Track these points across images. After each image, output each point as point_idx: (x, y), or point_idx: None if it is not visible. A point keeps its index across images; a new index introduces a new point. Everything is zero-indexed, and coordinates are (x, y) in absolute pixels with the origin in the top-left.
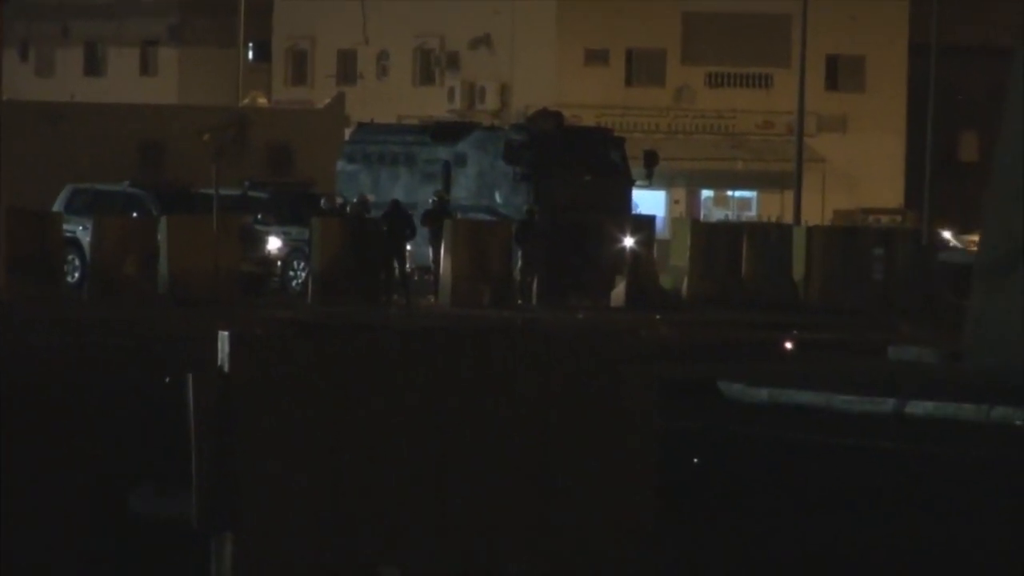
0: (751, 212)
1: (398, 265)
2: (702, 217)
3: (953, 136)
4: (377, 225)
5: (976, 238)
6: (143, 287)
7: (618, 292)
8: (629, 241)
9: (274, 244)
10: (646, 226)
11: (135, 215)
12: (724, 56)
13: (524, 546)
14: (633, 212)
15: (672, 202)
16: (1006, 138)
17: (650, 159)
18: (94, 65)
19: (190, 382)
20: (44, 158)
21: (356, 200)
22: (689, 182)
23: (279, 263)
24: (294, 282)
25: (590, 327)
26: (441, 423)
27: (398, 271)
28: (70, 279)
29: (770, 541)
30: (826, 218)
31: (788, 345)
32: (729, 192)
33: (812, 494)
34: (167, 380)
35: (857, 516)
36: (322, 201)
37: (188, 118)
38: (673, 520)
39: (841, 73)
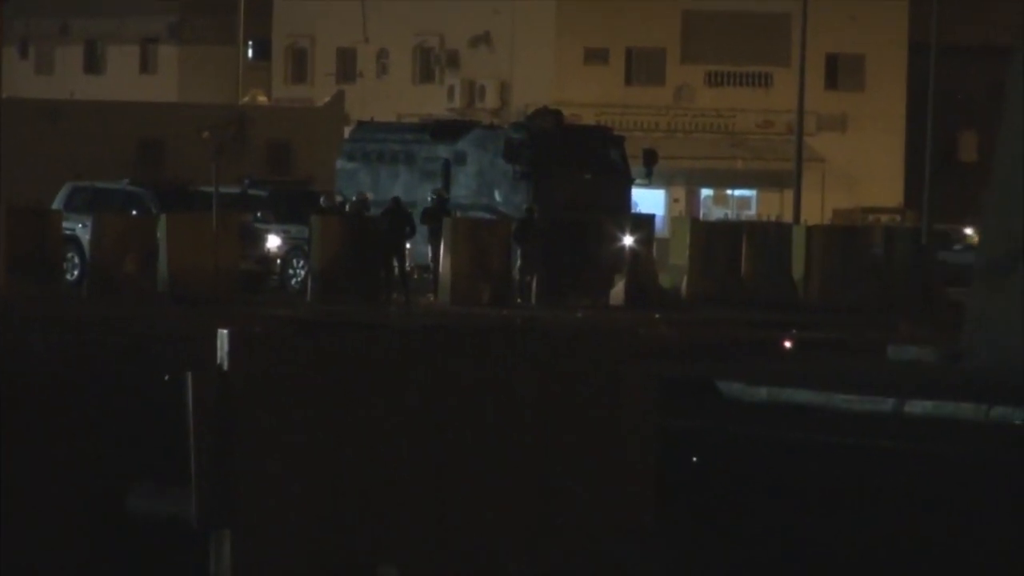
0: (751, 211)
1: (398, 263)
2: (701, 216)
3: (953, 136)
4: (377, 223)
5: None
6: (142, 285)
7: (617, 291)
8: (628, 240)
9: (274, 242)
10: (645, 225)
11: (134, 213)
12: (724, 55)
13: (524, 546)
14: (632, 211)
15: (672, 201)
16: (1006, 138)
17: (649, 158)
18: (94, 63)
19: (189, 380)
20: (44, 156)
21: (356, 198)
22: (689, 181)
23: (278, 261)
24: (293, 280)
25: (589, 326)
26: (440, 422)
27: (397, 269)
28: (69, 277)
29: (769, 540)
30: (826, 217)
31: (787, 344)
32: (729, 191)
33: (811, 493)
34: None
35: (856, 515)
36: (322, 199)
37: (188, 116)
38: (672, 520)
39: (841, 72)
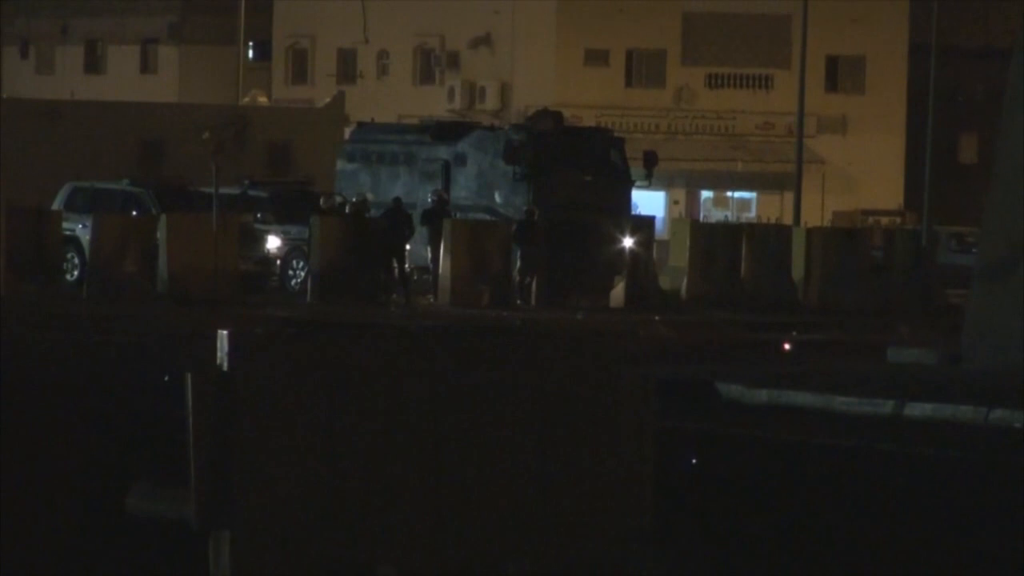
0: (751, 213)
1: (397, 264)
2: (702, 218)
3: (953, 137)
4: (377, 224)
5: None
6: (142, 285)
7: (617, 293)
8: (628, 242)
9: (273, 243)
10: (645, 226)
11: (134, 213)
12: (724, 57)
13: (523, 546)
14: (633, 213)
15: (672, 203)
16: (1005, 139)
17: (650, 160)
18: (94, 63)
19: (189, 380)
20: (44, 156)
21: (355, 199)
22: (689, 183)
23: (278, 262)
24: (293, 281)
25: (589, 327)
26: (439, 423)
27: (397, 270)
28: (69, 277)
29: (769, 543)
30: (826, 219)
31: (787, 346)
32: (729, 193)
33: (811, 496)
34: (166, 378)
35: (856, 518)
36: (321, 200)
37: (188, 116)
38: (671, 521)
39: (841, 74)
